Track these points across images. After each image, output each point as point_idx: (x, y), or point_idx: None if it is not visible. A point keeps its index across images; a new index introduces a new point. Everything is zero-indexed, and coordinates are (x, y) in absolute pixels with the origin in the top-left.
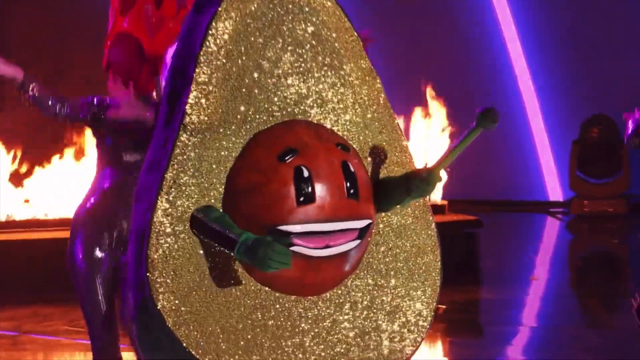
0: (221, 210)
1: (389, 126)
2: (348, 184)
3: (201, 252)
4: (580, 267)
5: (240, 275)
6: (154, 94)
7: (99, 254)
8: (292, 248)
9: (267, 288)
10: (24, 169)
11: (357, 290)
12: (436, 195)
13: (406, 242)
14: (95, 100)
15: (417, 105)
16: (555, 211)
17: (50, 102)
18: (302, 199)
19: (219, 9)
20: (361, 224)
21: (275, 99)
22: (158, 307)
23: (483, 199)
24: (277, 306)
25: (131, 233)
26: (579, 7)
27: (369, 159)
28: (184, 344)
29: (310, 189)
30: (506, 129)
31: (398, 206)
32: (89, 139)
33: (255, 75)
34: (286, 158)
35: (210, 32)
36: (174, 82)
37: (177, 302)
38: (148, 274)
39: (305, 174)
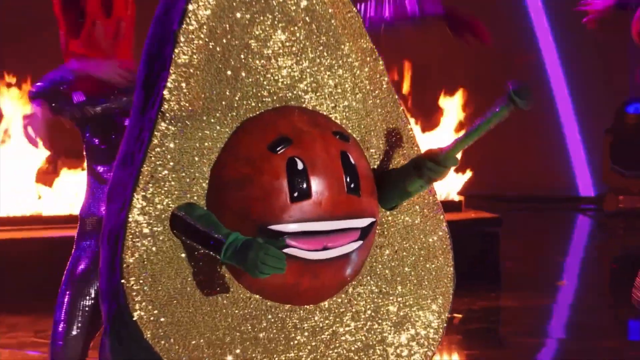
0: (205, 208)
1: (394, 113)
2: (348, 178)
3: (183, 255)
4: (615, 271)
5: (228, 282)
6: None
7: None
8: (285, 250)
9: (257, 296)
10: None
11: (360, 298)
12: (448, 188)
13: (414, 245)
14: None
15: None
16: (586, 208)
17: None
18: (296, 194)
19: None
20: (363, 222)
21: (265, 82)
22: (134, 318)
23: (504, 194)
24: (270, 316)
25: (103, 236)
26: None
27: (371, 150)
28: (164, 359)
29: (305, 183)
30: (531, 115)
31: (404, 202)
32: None
33: (242, 56)
34: (278, 148)
35: (189, 7)
36: (149, 66)
37: (155, 312)
38: (123, 281)
39: (300, 166)
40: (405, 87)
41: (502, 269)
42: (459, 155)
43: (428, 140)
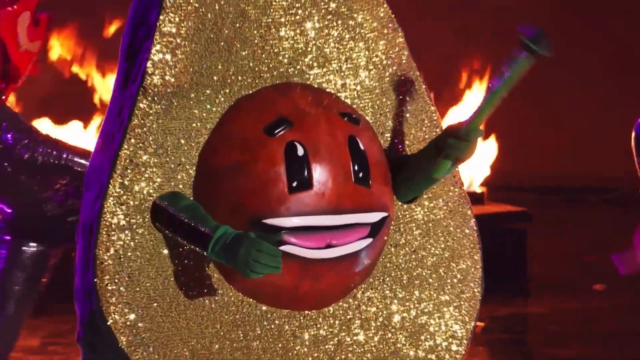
0: (191, 198)
1: (414, 93)
2: (356, 166)
3: (165, 252)
4: None
5: (217, 283)
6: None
7: None
8: (283, 247)
9: (251, 299)
10: None
11: (370, 304)
12: (469, 178)
13: (436, 243)
14: None
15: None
16: (628, 201)
17: None
18: (295, 184)
19: None
20: (373, 217)
21: (264, 55)
22: (108, 323)
23: (533, 185)
24: (265, 323)
25: (78, 229)
26: None
27: (387, 134)
28: None
29: (305, 171)
30: (566, 90)
31: (425, 194)
32: None
33: (238, 24)
34: (276, 131)
35: None
36: (133, 34)
37: (132, 316)
38: (96, 280)
39: (300, 151)
40: None
41: (530, 270)
42: (482, 126)
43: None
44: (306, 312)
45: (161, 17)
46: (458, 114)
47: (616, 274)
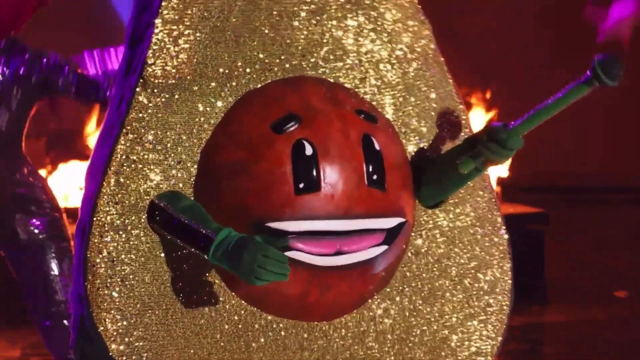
0: (192, 199)
1: (441, 89)
2: (370, 167)
3: (162, 255)
4: None
5: (217, 290)
6: None
7: None
8: (289, 253)
9: (254, 309)
10: None
11: (387, 316)
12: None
13: (461, 252)
14: None
15: None
16: None
17: None
18: (302, 185)
19: None
20: (389, 222)
21: (275, 47)
22: (99, 330)
23: (551, 184)
24: (270, 334)
25: (76, 228)
26: None
27: (410, 135)
28: None
29: (313, 171)
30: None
31: (451, 199)
32: None
33: (246, 13)
34: (284, 128)
35: None
36: (136, 21)
37: (125, 323)
38: (87, 284)
39: (308, 150)
40: None
41: (548, 275)
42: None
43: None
44: (315, 323)
45: (164, 3)
46: None
47: None
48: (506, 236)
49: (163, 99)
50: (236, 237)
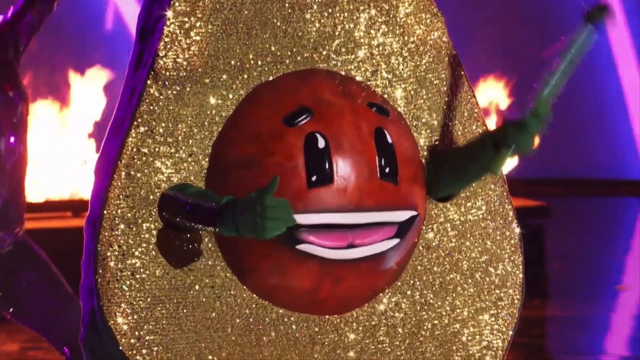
0: None
1: (454, 82)
2: (382, 160)
3: (173, 249)
4: None
5: (229, 283)
6: None
7: None
8: (300, 246)
9: (266, 302)
10: None
11: (398, 310)
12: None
13: (473, 245)
14: None
15: None
16: None
17: None
18: (314, 178)
19: None
20: (401, 216)
21: (287, 39)
22: (109, 323)
23: (552, 177)
24: (281, 328)
25: (87, 221)
26: None
27: (422, 128)
28: None
29: (326, 164)
30: (587, 84)
31: (462, 192)
32: None
33: (258, 5)
34: (296, 121)
35: None
36: (148, 13)
37: (135, 317)
38: (97, 277)
39: (321, 143)
40: None
41: (549, 270)
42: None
43: None
44: (327, 316)
45: None
46: None
47: None
48: (518, 230)
49: (174, 92)
50: (237, 201)
